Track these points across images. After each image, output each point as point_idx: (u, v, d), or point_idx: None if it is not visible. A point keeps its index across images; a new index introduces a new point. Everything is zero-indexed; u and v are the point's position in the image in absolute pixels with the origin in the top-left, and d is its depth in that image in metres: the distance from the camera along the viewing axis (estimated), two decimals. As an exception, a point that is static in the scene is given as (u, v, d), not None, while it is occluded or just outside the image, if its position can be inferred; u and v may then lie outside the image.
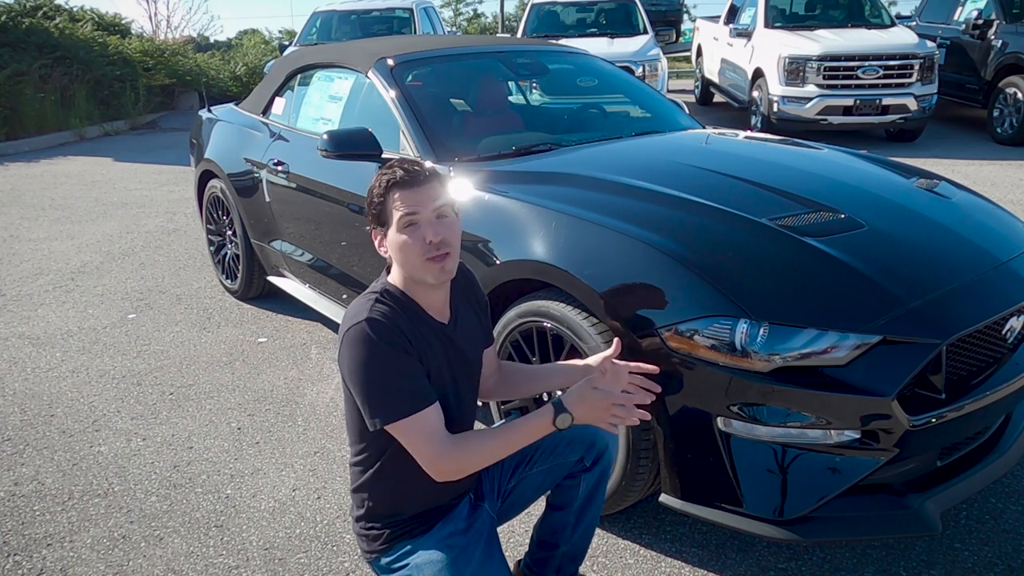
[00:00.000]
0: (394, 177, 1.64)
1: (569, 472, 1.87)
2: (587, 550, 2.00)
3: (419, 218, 1.63)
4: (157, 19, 18.80)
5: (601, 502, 1.94)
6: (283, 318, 4.22)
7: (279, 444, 2.97)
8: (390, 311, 1.63)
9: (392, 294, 1.68)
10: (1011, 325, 2.22)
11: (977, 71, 8.75)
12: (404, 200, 1.63)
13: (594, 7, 10.89)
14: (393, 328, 1.60)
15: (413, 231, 1.63)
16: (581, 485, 1.87)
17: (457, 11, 27.25)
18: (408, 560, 1.70)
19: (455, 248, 1.67)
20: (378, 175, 1.68)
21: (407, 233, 1.63)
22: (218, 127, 4.49)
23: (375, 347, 1.57)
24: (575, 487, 1.88)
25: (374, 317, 1.60)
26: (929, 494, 2.05)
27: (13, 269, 5.22)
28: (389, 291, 1.69)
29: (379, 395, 1.58)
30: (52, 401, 3.36)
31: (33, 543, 2.43)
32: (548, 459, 1.83)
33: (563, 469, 1.86)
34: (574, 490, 1.88)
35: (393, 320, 1.61)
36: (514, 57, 3.93)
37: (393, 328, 1.60)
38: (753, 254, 2.19)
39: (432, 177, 1.66)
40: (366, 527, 1.75)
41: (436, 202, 1.64)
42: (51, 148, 10.24)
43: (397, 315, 1.64)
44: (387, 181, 1.65)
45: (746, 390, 1.95)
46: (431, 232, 1.62)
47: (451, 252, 1.65)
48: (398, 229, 1.64)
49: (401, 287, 1.70)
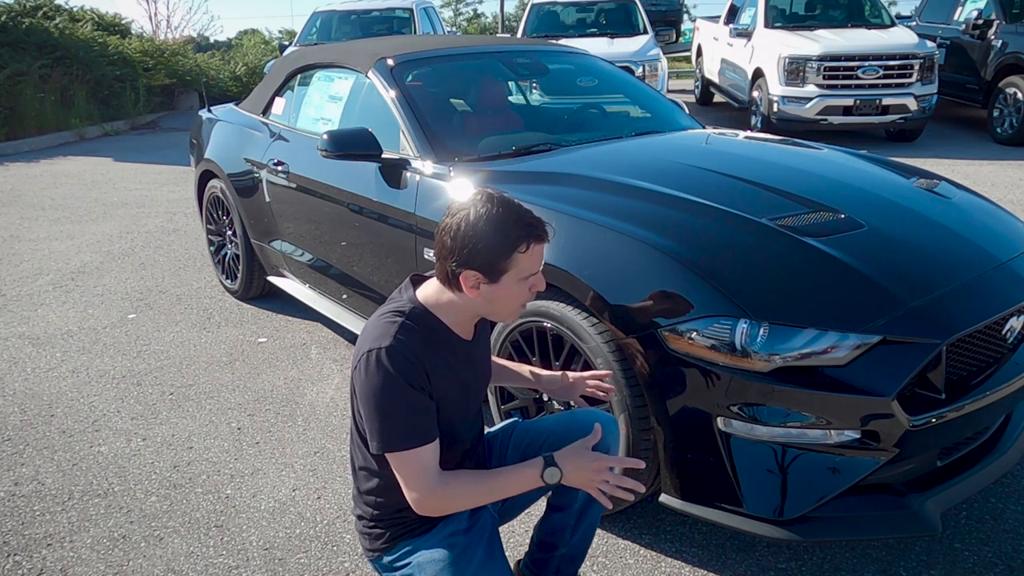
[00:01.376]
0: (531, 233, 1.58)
1: None
2: (586, 552, 2.00)
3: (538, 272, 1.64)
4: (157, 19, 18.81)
5: (600, 507, 1.93)
6: (283, 318, 4.22)
7: (279, 444, 2.97)
8: (413, 338, 1.60)
9: (419, 315, 1.65)
10: (1011, 325, 2.22)
11: (977, 71, 8.75)
12: (538, 255, 1.61)
13: (594, 7, 10.89)
14: (412, 359, 1.58)
15: (526, 282, 1.62)
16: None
17: (457, 11, 27.27)
18: (410, 559, 1.70)
19: None
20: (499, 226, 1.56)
21: (522, 284, 1.62)
22: (218, 127, 4.49)
23: (389, 377, 1.55)
24: (575, 489, 1.88)
25: (394, 346, 1.57)
26: (929, 494, 2.05)
27: (13, 269, 5.22)
28: (416, 312, 1.65)
29: (384, 424, 1.58)
30: (52, 401, 3.36)
31: (33, 543, 2.43)
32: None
33: None
34: (574, 492, 1.88)
35: (413, 349, 1.59)
36: (514, 57, 3.93)
37: (412, 359, 1.58)
38: (753, 254, 2.19)
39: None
40: (368, 526, 1.76)
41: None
42: (51, 148, 10.23)
43: (419, 341, 1.61)
44: (524, 235, 1.57)
45: (746, 390, 1.95)
46: (541, 284, 1.65)
47: None
48: (517, 281, 1.60)
49: (433, 308, 1.67)
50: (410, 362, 1.57)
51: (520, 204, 1.63)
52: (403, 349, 1.57)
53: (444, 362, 1.65)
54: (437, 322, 1.67)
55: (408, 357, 1.57)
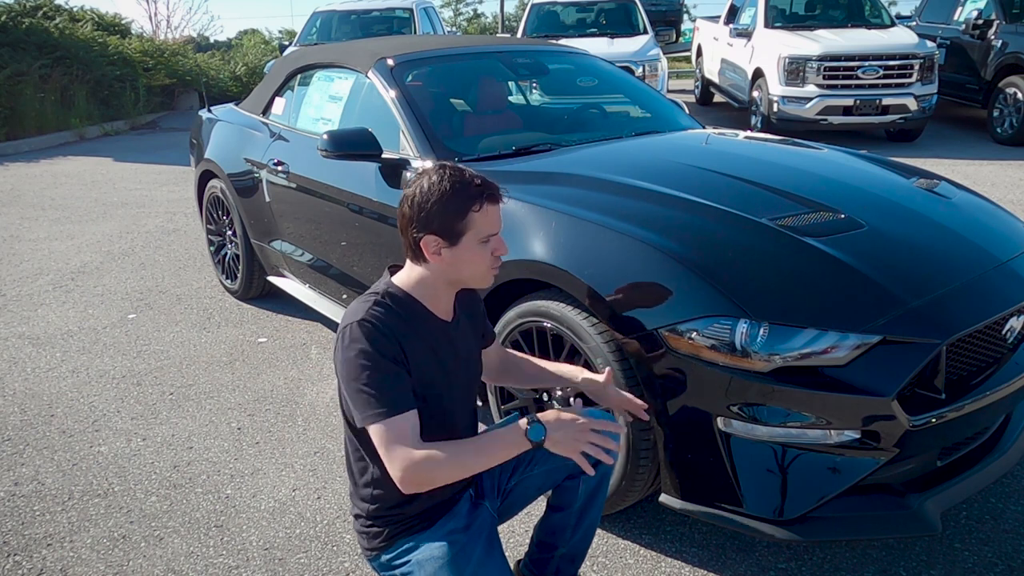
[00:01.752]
0: (481, 193, 1.63)
1: (569, 473, 1.87)
2: (586, 552, 2.00)
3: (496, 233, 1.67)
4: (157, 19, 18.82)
5: (601, 505, 1.94)
6: (283, 318, 4.22)
7: (279, 444, 2.97)
8: (387, 313, 1.64)
9: (395, 296, 1.69)
10: (1011, 325, 2.22)
11: (977, 71, 8.75)
12: (492, 215, 1.65)
13: (594, 7, 10.89)
14: (386, 332, 1.60)
15: (487, 245, 1.66)
16: (581, 487, 1.87)
17: (457, 11, 27.27)
18: (408, 557, 1.70)
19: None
20: (452, 187, 1.62)
21: (483, 247, 1.66)
22: (218, 127, 4.49)
23: (363, 350, 1.58)
24: (575, 489, 1.88)
25: (368, 319, 1.61)
26: (929, 494, 2.05)
27: (13, 269, 5.22)
28: (392, 293, 1.69)
29: (361, 396, 1.58)
30: (52, 401, 3.36)
31: (33, 543, 2.43)
32: (549, 460, 1.82)
33: (564, 470, 1.86)
34: (574, 492, 1.88)
35: (387, 323, 1.62)
36: (514, 57, 3.93)
37: (386, 332, 1.60)
38: (753, 254, 2.19)
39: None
40: (366, 524, 1.76)
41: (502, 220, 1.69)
42: (51, 148, 10.24)
43: (395, 317, 1.64)
44: (474, 195, 1.62)
45: (746, 390, 1.95)
46: (502, 247, 1.68)
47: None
48: (477, 243, 1.65)
49: (411, 287, 1.71)
50: (383, 334, 1.60)
51: (465, 168, 1.69)
52: (376, 323, 1.61)
53: (421, 340, 1.68)
54: (413, 301, 1.71)
55: (381, 330, 1.61)
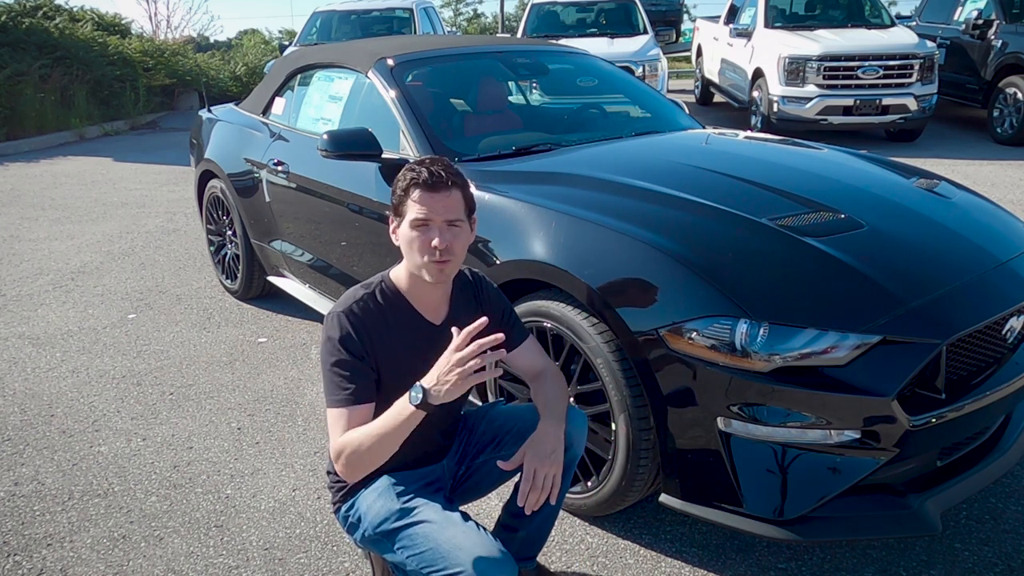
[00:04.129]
0: (417, 178, 1.70)
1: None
2: (546, 538, 2.05)
3: (431, 223, 1.69)
4: (157, 19, 18.79)
5: (563, 494, 1.94)
6: (283, 318, 4.22)
7: (279, 444, 2.97)
8: (368, 308, 1.73)
9: (384, 291, 1.77)
10: (1011, 325, 2.22)
11: (977, 71, 8.75)
12: (421, 202, 1.69)
13: (594, 7, 10.89)
14: (359, 328, 1.70)
15: (423, 231, 1.70)
16: None
17: (457, 11, 27.27)
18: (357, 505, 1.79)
19: (458, 255, 1.74)
20: (405, 169, 1.74)
21: (418, 232, 1.70)
22: (218, 127, 4.49)
23: (335, 339, 1.69)
24: None
25: (345, 313, 1.71)
26: (929, 494, 2.05)
27: (13, 269, 5.22)
28: (383, 288, 1.77)
29: (327, 380, 1.70)
30: (52, 401, 3.36)
31: (33, 543, 2.43)
32: (517, 444, 1.84)
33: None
34: None
35: (364, 320, 1.71)
36: (514, 57, 3.93)
37: (359, 328, 1.70)
38: (753, 254, 2.20)
39: (454, 186, 1.72)
40: (333, 480, 1.86)
41: (450, 214, 1.71)
42: (51, 148, 10.23)
43: (374, 314, 1.73)
44: (410, 179, 1.71)
45: (746, 390, 1.95)
46: (439, 238, 1.69)
47: (452, 259, 1.72)
48: (410, 227, 1.70)
49: (401, 281, 1.79)
50: (356, 329, 1.69)
51: (443, 160, 1.75)
52: (353, 318, 1.71)
53: (399, 339, 1.74)
54: (401, 299, 1.78)
55: (356, 325, 1.70)
